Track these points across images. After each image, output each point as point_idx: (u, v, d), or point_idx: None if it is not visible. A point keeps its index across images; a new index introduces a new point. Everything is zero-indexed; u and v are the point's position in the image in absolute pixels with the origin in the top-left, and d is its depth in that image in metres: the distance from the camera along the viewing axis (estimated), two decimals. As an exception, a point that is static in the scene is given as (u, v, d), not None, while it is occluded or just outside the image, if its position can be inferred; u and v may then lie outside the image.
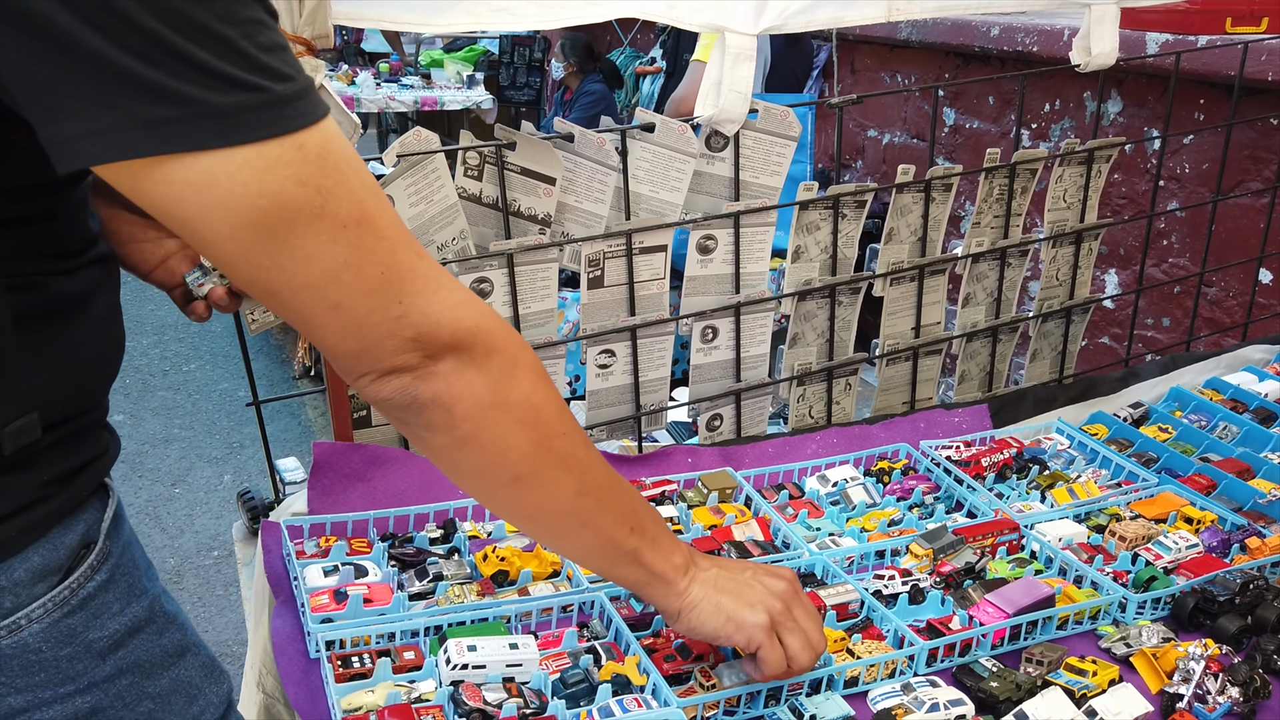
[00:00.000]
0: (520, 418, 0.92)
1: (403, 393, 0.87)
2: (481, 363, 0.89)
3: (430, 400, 0.88)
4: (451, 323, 0.86)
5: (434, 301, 0.85)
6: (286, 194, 0.75)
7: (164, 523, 3.66)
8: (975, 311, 1.97)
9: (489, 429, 0.91)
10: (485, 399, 0.89)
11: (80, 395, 0.91)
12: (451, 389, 0.88)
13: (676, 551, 1.07)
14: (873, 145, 4.94)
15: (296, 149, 0.75)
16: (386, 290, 0.83)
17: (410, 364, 0.86)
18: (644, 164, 1.56)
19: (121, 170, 0.72)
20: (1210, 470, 1.65)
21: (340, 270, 0.80)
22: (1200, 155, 3.22)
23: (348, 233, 0.79)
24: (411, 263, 0.84)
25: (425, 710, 1.08)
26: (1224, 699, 1.18)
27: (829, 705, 1.16)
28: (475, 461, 0.94)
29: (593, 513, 1.00)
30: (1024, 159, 1.87)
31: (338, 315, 0.82)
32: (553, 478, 0.96)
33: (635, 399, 1.72)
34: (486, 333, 0.89)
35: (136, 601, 0.95)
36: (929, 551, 1.41)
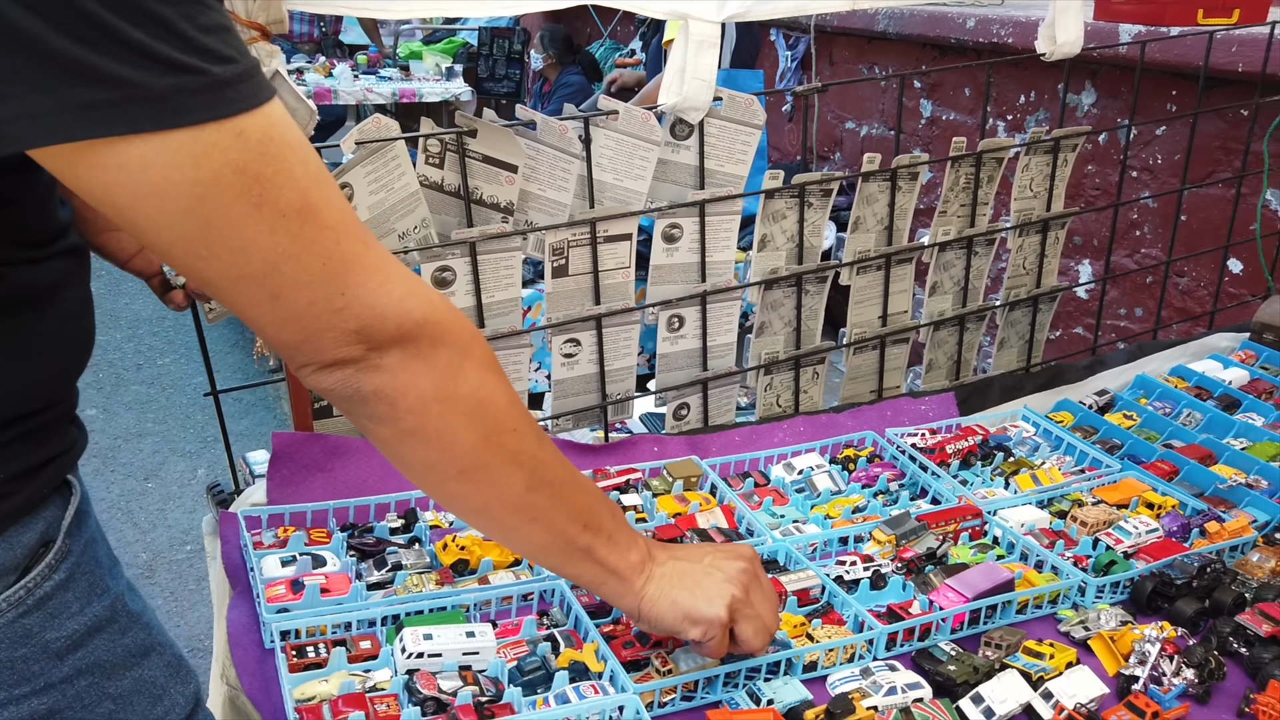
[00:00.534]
0: (468, 411, 0.90)
1: (345, 384, 0.86)
2: (428, 355, 0.87)
3: (373, 393, 0.86)
4: (397, 315, 0.84)
5: (379, 293, 0.83)
6: (223, 181, 0.73)
7: (136, 518, 3.63)
8: (942, 300, 1.98)
9: (434, 422, 0.89)
10: (430, 392, 0.87)
11: (46, 389, 0.89)
12: (395, 381, 0.86)
13: (633, 548, 1.06)
14: (851, 137, 4.95)
15: (235, 135, 0.73)
16: (328, 282, 0.80)
17: (353, 356, 0.84)
18: (608, 152, 1.55)
19: (56, 155, 0.70)
20: (1173, 456, 1.66)
21: (279, 261, 0.77)
22: (1173, 146, 3.24)
23: (288, 223, 0.77)
24: (357, 253, 0.82)
25: (380, 699, 1.08)
26: (1179, 680, 1.19)
27: (787, 689, 1.16)
28: (421, 455, 0.92)
29: (543, 509, 0.98)
30: (990, 148, 1.88)
31: (277, 307, 0.80)
32: (501, 473, 0.94)
33: (601, 388, 1.71)
34: (435, 324, 0.86)
35: (97, 601, 0.93)
36: (891, 537, 1.42)
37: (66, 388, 0.93)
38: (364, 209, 1.42)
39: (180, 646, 1.07)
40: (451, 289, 1.52)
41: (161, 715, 1.00)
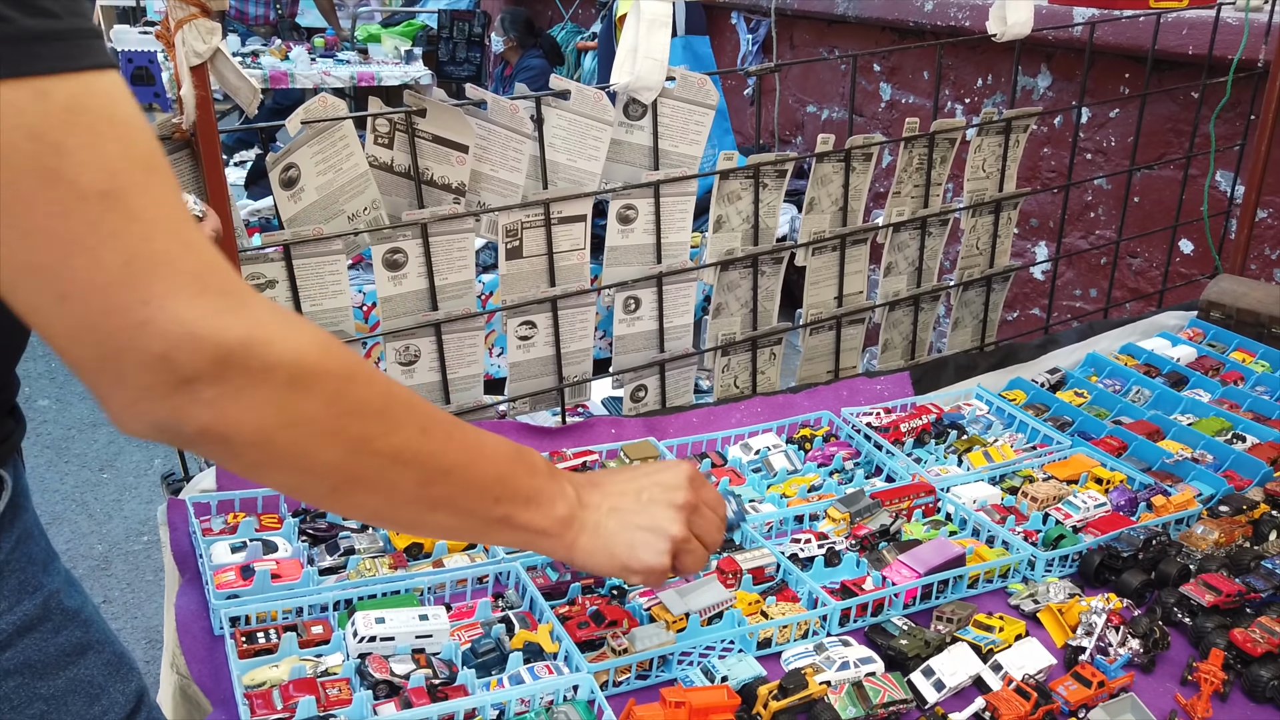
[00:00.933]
0: (324, 430, 0.77)
1: (159, 428, 0.70)
2: (260, 380, 0.72)
3: (198, 434, 0.71)
4: (214, 333, 0.68)
5: (193, 306, 0.67)
6: (13, 147, 0.62)
7: (91, 509, 3.57)
8: (897, 280, 1.99)
9: (284, 450, 0.76)
10: (271, 421, 0.73)
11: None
12: (223, 417, 0.71)
13: (559, 499, 0.97)
14: (812, 121, 4.96)
15: (37, 96, 0.63)
16: (129, 286, 0.66)
17: (159, 388, 0.68)
18: (560, 132, 1.54)
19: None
20: (1122, 432, 1.69)
21: (71, 253, 0.64)
22: (1126, 128, 3.28)
23: (86, 207, 0.64)
24: (170, 255, 0.67)
25: (331, 683, 1.07)
26: (1125, 650, 1.21)
27: (741, 666, 1.17)
28: (279, 480, 0.82)
29: (444, 497, 0.89)
30: (942, 128, 1.89)
31: (66, 311, 0.66)
32: (384, 478, 0.83)
33: (558, 370, 1.71)
34: (263, 344, 0.71)
35: (28, 599, 0.90)
36: (846, 515, 1.43)
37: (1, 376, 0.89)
38: (312, 190, 1.40)
39: (138, 639, 1.05)
40: (404, 271, 1.51)
41: (99, 714, 0.97)
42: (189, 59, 1.19)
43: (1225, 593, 1.27)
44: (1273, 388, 1.85)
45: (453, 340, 1.58)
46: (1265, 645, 1.20)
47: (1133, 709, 1.12)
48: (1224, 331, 2.04)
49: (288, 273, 1.43)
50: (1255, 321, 2.01)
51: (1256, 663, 1.19)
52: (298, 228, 1.42)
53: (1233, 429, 1.70)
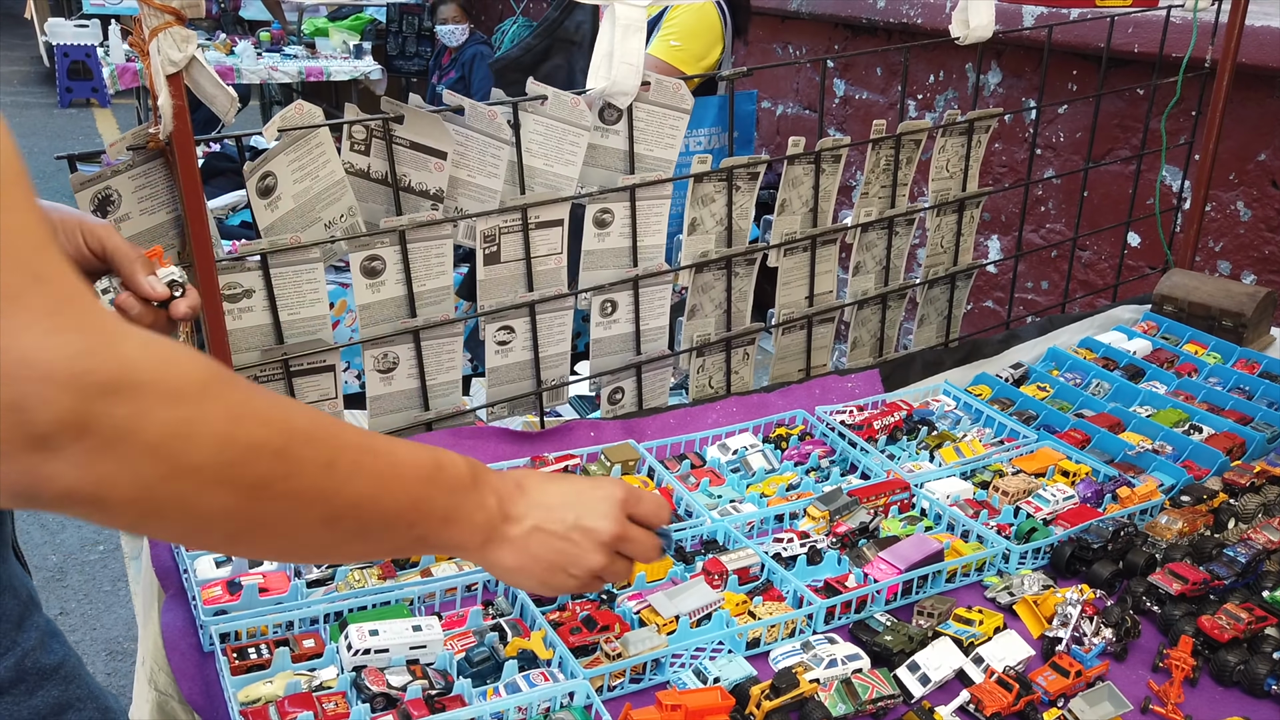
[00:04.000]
0: (213, 479, 0.67)
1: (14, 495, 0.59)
2: (134, 429, 0.61)
3: (60, 497, 0.60)
4: (72, 377, 0.58)
5: (46, 345, 0.57)
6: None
7: (43, 518, 3.47)
8: (865, 279, 2.02)
9: (168, 505, 0.66)
10: (150, 475, 0.63)
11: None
12: (92, 475, 0.60)
13: (478, 512, 0.90)
14: (766, 116, 5.00)
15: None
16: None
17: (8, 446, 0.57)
18: (537, 137, 1.54)
19: None
20: (1084, 425, 1.74)
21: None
22: (1074, 124, 3.37)
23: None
24: (16, 288, 0.57)
25: (327, 698, 1.06)
26: (1099, 640, 1.26)
27: (732, 667, 1.19)
28: (168, 532, 0.74)
29: (354, 530, 0.80)
30: (908, 130, 1.92)
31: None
32: (284, 520, 0.75)
33: (536, 375, 1.71)
34: (134, 387, 0.61)
35: (2, 660, 0.87)
36: (825, 513, 1.46)
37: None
38: (289, 198, 1.39)
39: (97, 651, 1.03)
40: (381, 278, 1.50)
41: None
42: (165, 68, 1.17)
43: (1191, 581, 1.33)
44: (1225, 379, 1.92)
45: (431, 347, 1.58)
46: (1231, 631, 1.25)
47: (1109, 697, 1.16)
48: (1177, 324, 2.11)
49: (265, 281, 1.41)
50: (1206, 315, 2.09)
51: (1223, 648, 1.24)
52: (274, 236, 1.40)
53: (1190, 420, 1.77)
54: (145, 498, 0.64)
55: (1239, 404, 1.81)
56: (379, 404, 1.58)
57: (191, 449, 0.65)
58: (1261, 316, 2.08)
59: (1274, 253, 2.85)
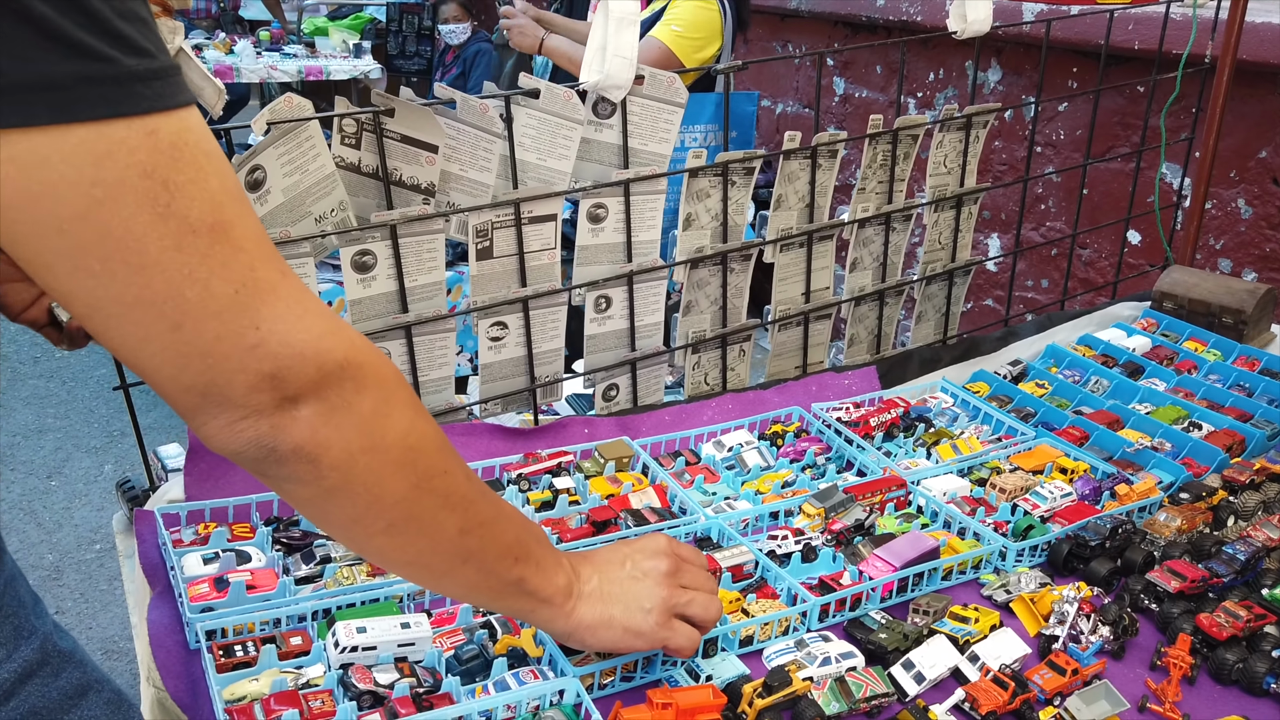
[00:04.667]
0: (397, 460, 0.81)
1: (258, 444, 0.74)
2: (351, 402, 0.77)
3: (292, 451, 0.75)
4: (317, 354, 0.73)
5: (298, 329, 0.73)
6: (127, 185, 0.64)
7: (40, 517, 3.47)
8: (863, 276, 2.01)
9: (361, 476, 0.79)
10: (357, 444, 0.78)
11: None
12: (317, 436, 0.75)
13: (559, 570, 1.00)
14: (766, 115, 4.99)
15: (146, 134, 0.64)
16: (241, 312, 0.70)
17: (264, 406, 0.72)
18: (530, 131, 1.53)
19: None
20: (1083, 423, 1.73)
21: (184, 284, 0.67)
22: (1074, 122, 3.35)
23: (197, 240, 0.67)
24: (273, 282, 0.72)
25: (314, 695, 1.05)
26: (1096, 638, 1.24)
27: (724, 665, 1.17)
28: (346, 511, 0.83)
29: (476, 549, 0.91)
30: (905, 125, 1.91)
31: (178, 339, 0.68)
32: (434, 519, 0.87)
33: (529, 371, 1.70)
34: (357, 366, 0.77)
35: (25, 644, 0.88)
36: (820, 510, 1.44)
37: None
38: (278, 192, 1.38)
39: (93, 649, 1.03)
40: (372, 273, 1.49)
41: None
42: (151, 59, 1.16)
43: (1190, 579, 1.31)
44: (1224, 376, 1.90)
45: (423, 343, 1.56)
46: (1230, 629, 1.23)
47: (1106, 695, 1.15)
48: (1176, 321, 2.09)
49: (254, 276, 1.39)
50: (1206, 311, 2.07)
51: (1222, 646, 1.22)
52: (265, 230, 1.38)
53: (1189, 417, 1.75)
54: (346, 465, 0.78)
55: (1239, 401, 1.80)
56: (371, 400, 1.57)
57: (388, 429, 0.80)
58: (1262, 313, 2.06)
59: (1275, 250, 2.83)
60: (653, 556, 1.08)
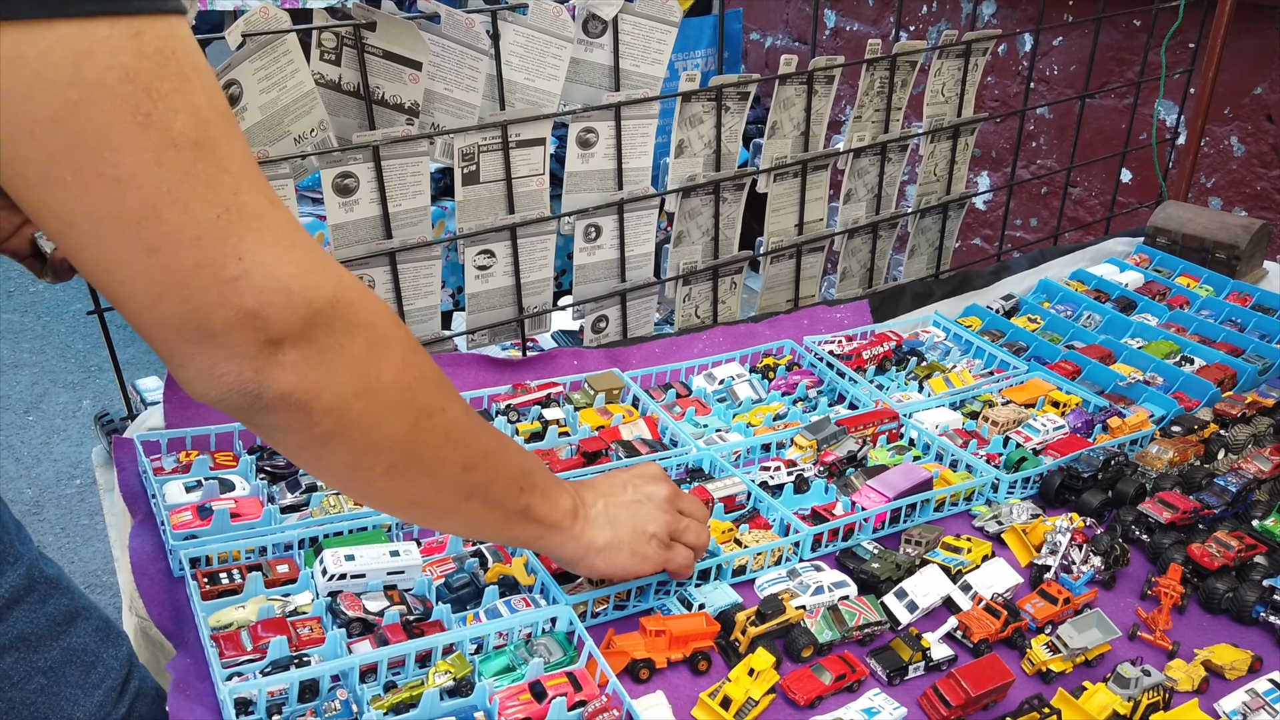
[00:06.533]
0: (394, 401, 0.77)
1: (241, 390, 0.68)
2: (342, 343, 0.72)
3: (279, 398, 0.70)
4: (305, 290, 0.68)
5: (284, 261, 0.67)
6: (107, 88, 0.59)
7: (18, 453, 3.42)
8: (856, 208, 1.97)
9: (356, 420, 0.75)
10: (350, 388, 0.73)
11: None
12: (306, 381, 0.70)
13: (563, 494, 0.99)
14: (755, 48, 4.88)
15: (131, 36, 0.59)
16: (222, 239, 0.64)
17: (246, 347, 0.67)
18: (518, 49, 1.47)
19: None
20: (1075, 357, 1.71)
21: (162, 203, 0.62)
22: (1068, 57, 3.29)
23: (179, 155, 0.62)
24: (260, 209, 0.66)
25: (302, 623, 1.03)
26: (1087, 568, 1.24)
27: (717, 594, 1.17)
28: (341, 458, 0.78)
29: (481, 483, 0.89)
30: (904, 50, 1.86)
31: (153, 264, 0.63)
32: (435, 458, 0.83)
33: (517, 301, 1.66)
34: (347, 304, 0.72)
35: (11, 569, 0.87)
36: (813, 442, 1.43)
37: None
38: (255, 109, 1.32)
39: (78, 583, 1.01)
40: (355, 196, 1.44)
41: (97, 683, 0.95)
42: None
43: (1181, 510, 1.31)
44: (1216, 311, 1.89)
45: (408, 270, 1.52)
46: (1220, 559, 1.24)
47: (1098, 623, 1.15)
48: (1169, 257, 2.08)
49: (232, 198, 1.34)
50: (1200, 247, 2.05)
51: (1212, 576, 1.23)
52: (241, 150, 1.33)
53: (1181, 352, 1.74)
54: (339, 411, 0.73)
55: (1230, 336, 1.79)
56: (355, 329, 1.53)
57: (382, 369, 0.75)
58: (1255, 249, 2.05)
59: (1266, 189, 2.81)
60: (652, 482, 1.08)
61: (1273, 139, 2.76)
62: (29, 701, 0.90)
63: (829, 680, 1.07)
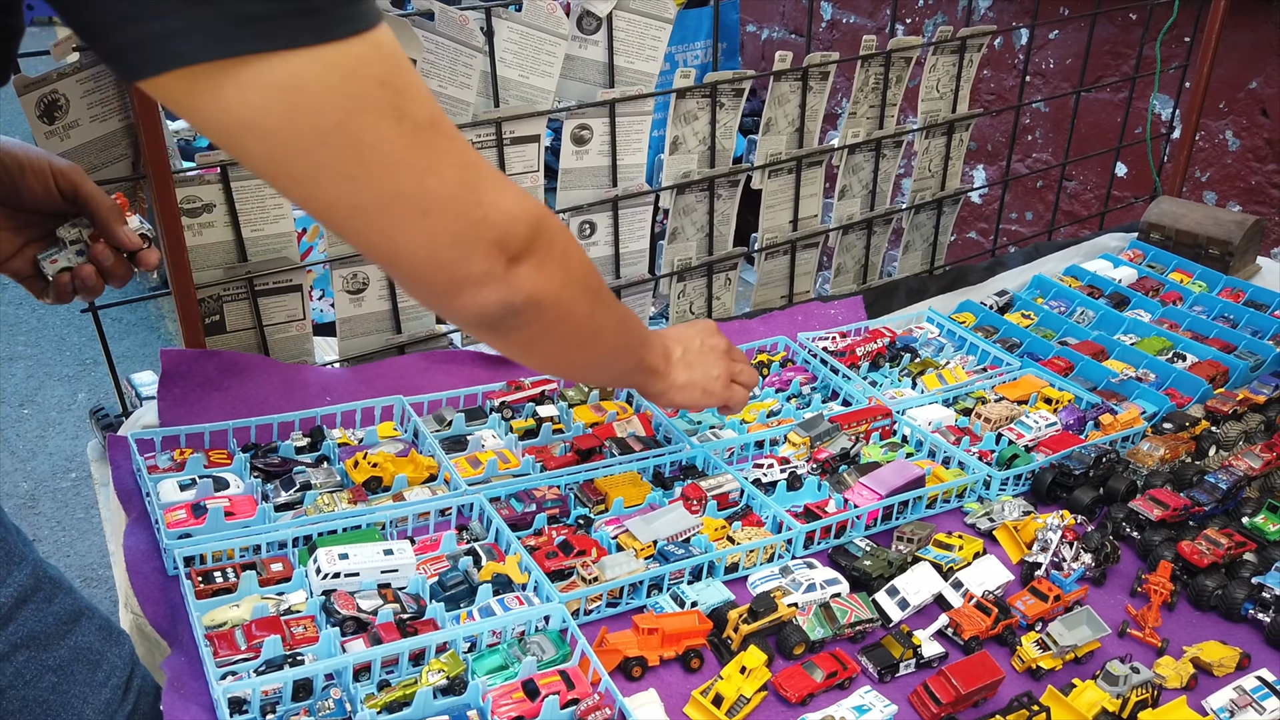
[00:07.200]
0: (582, 285, 0.97)
1: (504, 304, 0.87)
2: (548, 248, 0.89)
3: (525, 302, 0.88)
4: (524, 213, 0.85)
5: (506, 197, 0.84)
6: (370, 96, 0.71)
7: (14, 446, 3.42)
8: (851, 204, 1.98)
9: (567, 306, 0.94)
10: (559, 280, 0.92)
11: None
12: (537, 283, 0.89)
13: (658, 343, 1.23)
14: (751, 40, 4.88)
15: (374, 48, 0.71)
16: (468, 191, 0.80)
17: (499, 270, 0.85)
18: (512, 46, 1.47)
19: (199, 77, 0.66)
20: (1068, 353, 1.72)
21: (425, 174, 0.76)
22: (1064, 51, 3.29)
23: (425, 134, 0.76)
24: (477, 161, 0.82)
25: (296, 621, 1.04)
26: (1078, 565, 1.25)
27: (710, 591, 1.17)
28: (555, 339, 0.97)
29: (623, 344, 1.13)
30: (899, 46, 1.86)
31: (428, 224, 0.78)
32: (604, 325, 1.05)
33: (511, 297, 1.66)
34: (547, 218, 0.90)
35: (18, 569, 0.89)
36: (806, 439, 1.43)
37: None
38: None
39: (71, 578, 1.02)
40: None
41: (103, 680, 0.97)
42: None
43: (1172, 507, 1.32)
44: (1209, 307, 1.90)
45: (402, 267, 1.52)
46: (1210, 556, 1.24)
47: (1088, 621, 1.16)
48: (1163, 252, 2.08)
49: (225, 196, 1.35)
50: (1193, 243, 2.06)
51: (1202, 573, 1.24)
52: (235, 148, 1.33)
53: (1173, 348, 1.75)
54: (556, 300, 0.92)
55: (1223, 332, 1.80)
56: (349, 326, 1.54)
57: (571, 263, 0.94)
58: (1249, 245, 2.05)
59: (1260, 183, 2.82)
60: (712, 335, 1.32)
61: (1267, 133, 2.77)
62: (42, 700, 0.92)
63: (820, 678, 1.07)
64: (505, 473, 1.33)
